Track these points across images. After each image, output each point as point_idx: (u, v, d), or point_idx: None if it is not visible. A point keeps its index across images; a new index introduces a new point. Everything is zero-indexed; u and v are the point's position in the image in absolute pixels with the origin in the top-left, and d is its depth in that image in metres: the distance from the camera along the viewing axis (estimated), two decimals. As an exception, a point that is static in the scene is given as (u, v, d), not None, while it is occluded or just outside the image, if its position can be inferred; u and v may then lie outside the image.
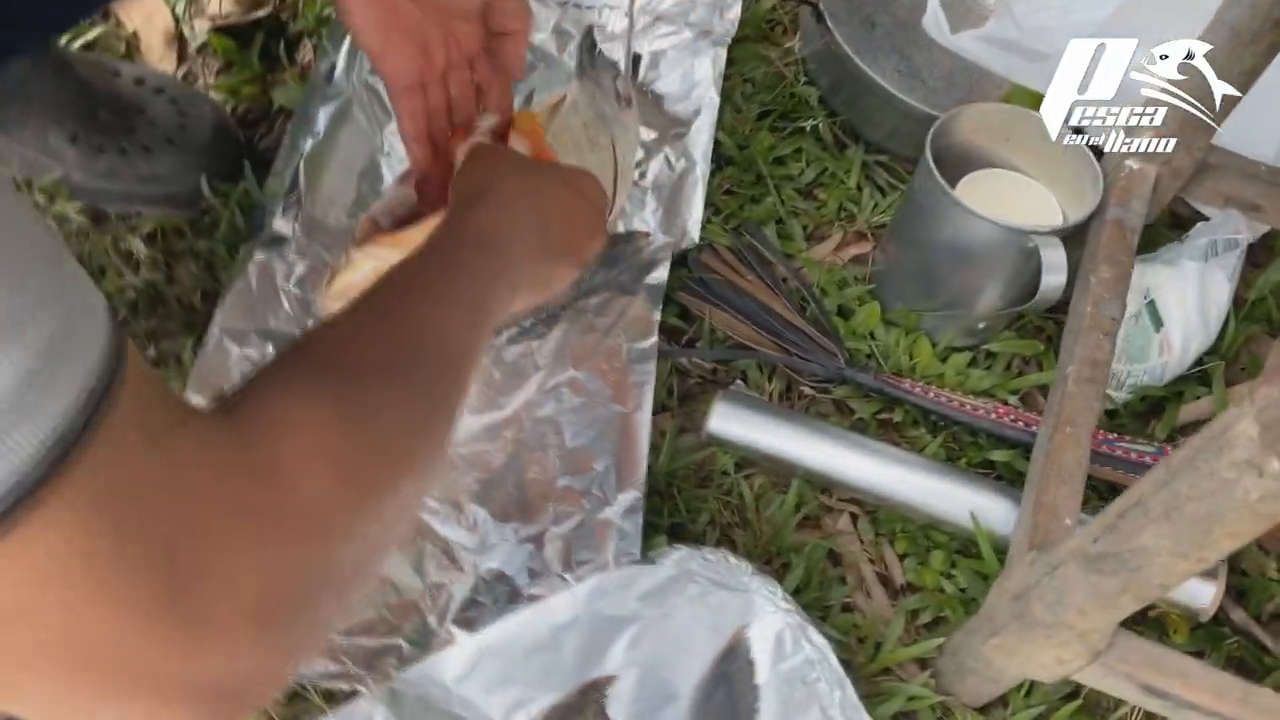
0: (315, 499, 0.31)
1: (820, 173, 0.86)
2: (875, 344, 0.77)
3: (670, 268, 0.77)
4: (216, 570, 0.28)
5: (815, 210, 0.85)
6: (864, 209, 0.84)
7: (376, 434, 0.35)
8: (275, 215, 0.77)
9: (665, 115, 0.85)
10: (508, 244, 0.54)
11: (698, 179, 0.81)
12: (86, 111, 0.77)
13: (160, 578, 0.27)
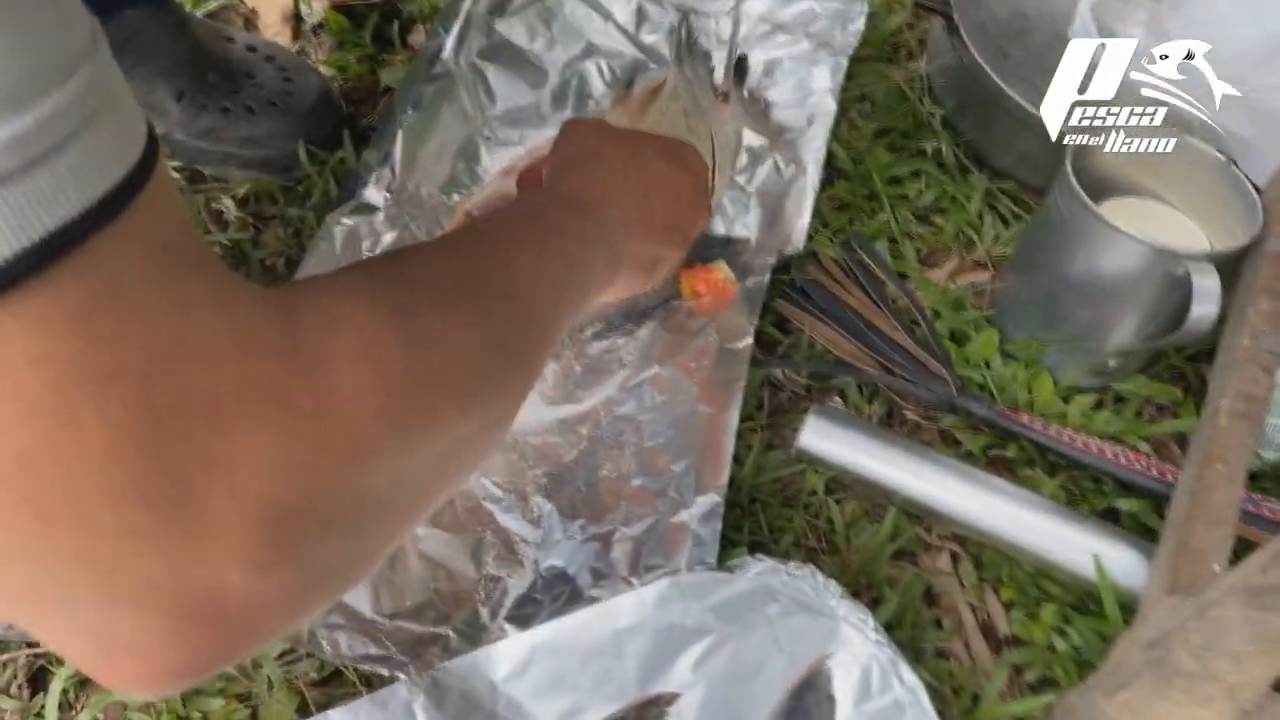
0: (354, 406, 0.26)
1: (939, 196, 0.81)
2: (990, 375, 0.71)
3: (771, 275, 0.72)
4: (220, 455, 0.23)
5: (931, 234, 0.79)
6: (985, 237, 0.79)
7: (436, 359, 0.30)
8: (368, 184, 0.75)
9: (775, 122, 0.81)
10: (606, 210, 0.50)
11: (807, 186, 0.76)
12: (196, 71, 0.76)
13: (146, 441, 0.22)
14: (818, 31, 0.86)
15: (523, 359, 0.37)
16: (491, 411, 0.34)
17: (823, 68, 0.83)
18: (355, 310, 0.28)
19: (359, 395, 0.26)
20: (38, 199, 0.20)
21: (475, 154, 0.79)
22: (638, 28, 0.86)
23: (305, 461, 0.25)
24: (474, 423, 0.33)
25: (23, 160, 0.20)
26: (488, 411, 0.34)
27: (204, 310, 0.24)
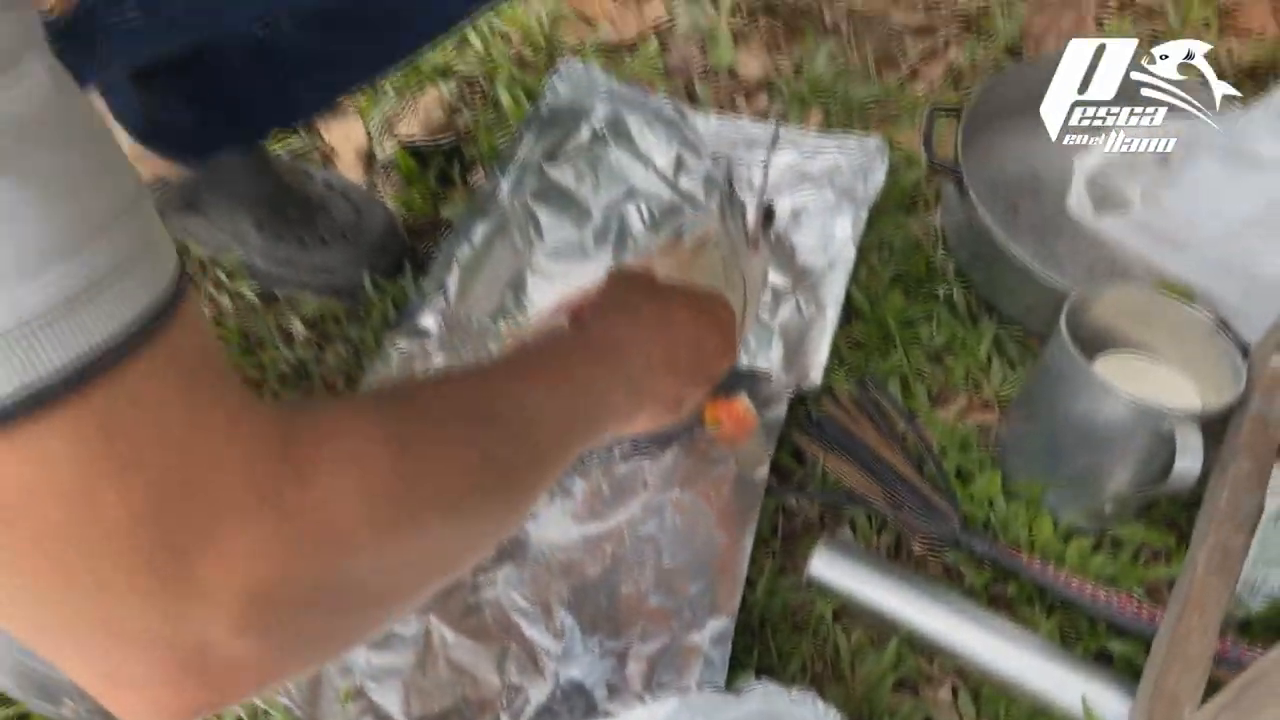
0: (336, 507, 0.31)
1: (950, 339, 0.86)
2: (994, 513, 0.75)
3: (789, 408, 0.78)
4: (218, 540, 0.28)
5: (942, 375, 0.85)
6: (992, 380, 0.84)
7: (423, 471, 0.35)
8: (423, 311, 0.82)
9: (799, 265, 0.88)
10: (628, 356, 0.55)
11: (826, 326, 0.82)
12: (277, 205, 0.85)
13: (157, 524, 0.27)
14: (841, 183, 0.94)
15: (516, 482, 0.41)
16: (479, 525, 0.39)
17: (845, 217, 0.90)
18: (352, 426, 0.33)
19: (342, 498, 0.31)
20: (79, 328, 0.26)
21: (523, 285, 0.87)
22: (676, 174, 0.95)
23: (287, 550, 0.30)
24: (458, 532, 0.37)
25: (67, 298, 0.25)
26: (474, 525, 0.38)
27: (217, 421, 0.29)
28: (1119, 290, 0.73)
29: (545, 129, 0.95)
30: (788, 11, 1.15)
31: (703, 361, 0.63)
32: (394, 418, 0.35)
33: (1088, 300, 0.72)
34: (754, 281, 0.79)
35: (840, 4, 1.18)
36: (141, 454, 0.27)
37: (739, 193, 0.91)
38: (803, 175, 0.95)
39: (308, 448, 0.31)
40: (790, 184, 0.94)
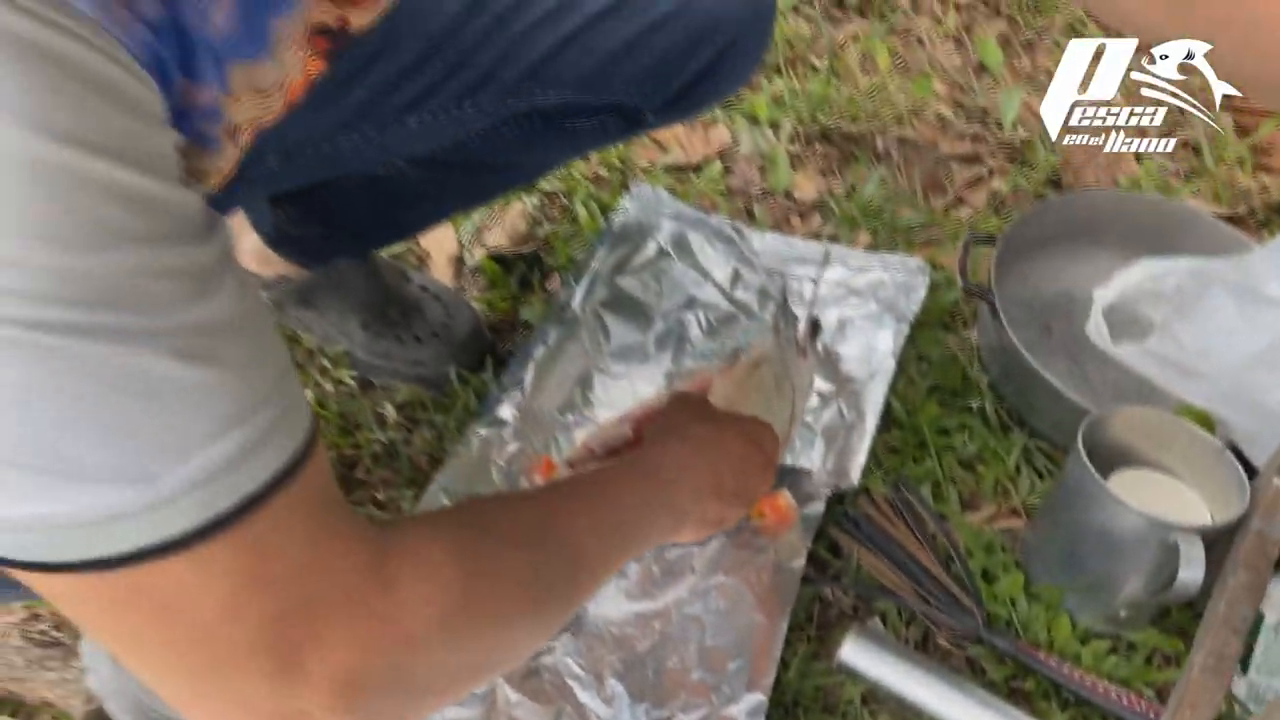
0: (415, 617, 0.40)
1: (982, 448, 0.93)
2: (1016, 613, 0.81)
3: (827, 505, 0.85)
4: (322, 637, 0.37)
5: (973, 481, 0.91)
6: (1020, 488, 0.90)
7: (485, 586, 0.44)
8: (501, 403, 0.92)
9: (843, 373, 0.96)
10: (677, 480, 0.63)
11: (865, 432, 0.90)
12: (379, 307, 0.97)
13: (277, 624, 0.36)
14: (885, 298, 1.02)
15: (564, 594, 0.50)
16: (530, 627, 0.48)
17: (887, 331, 0.99)
18: (429, 547, 0.42)
19: (418, 606, 0.40)
20: (248, 476, 0.35)
21: (590, 383, 0.96)
22: (733, 287, 1.04)
23: (374, 647, 0.39)
24: (512, 635, 0.46)
25: (242, 453, 0.35)
26: (526, 628, 0.47)
27: (330, 543, 0.38)
28: (1134, 411, 0.80)
29: (617, 243, 1.06)
30: (842, 139, 1.26)
31: (745, 485, 0.69)
32: (463, 540, 0.44)
33: (1105, 419, 0.79)
34: (801, 388, 0.87)
35: (891, 133, 1.28)
36: (277, 569, 0.37)
37: (791, 306, 1.00)
38: (849, 290, 1.04)
39: (393, 564, 0.40)
40: (837, 298, 1.03)
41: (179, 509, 0.33)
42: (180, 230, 0.33)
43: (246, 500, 0.35)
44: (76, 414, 0.31)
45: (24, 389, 0.30)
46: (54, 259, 0.29)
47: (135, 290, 0.31)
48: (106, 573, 0.33)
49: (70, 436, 0.31)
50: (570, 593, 0.51)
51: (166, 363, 0.32)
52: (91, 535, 0.33)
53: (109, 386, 0.31)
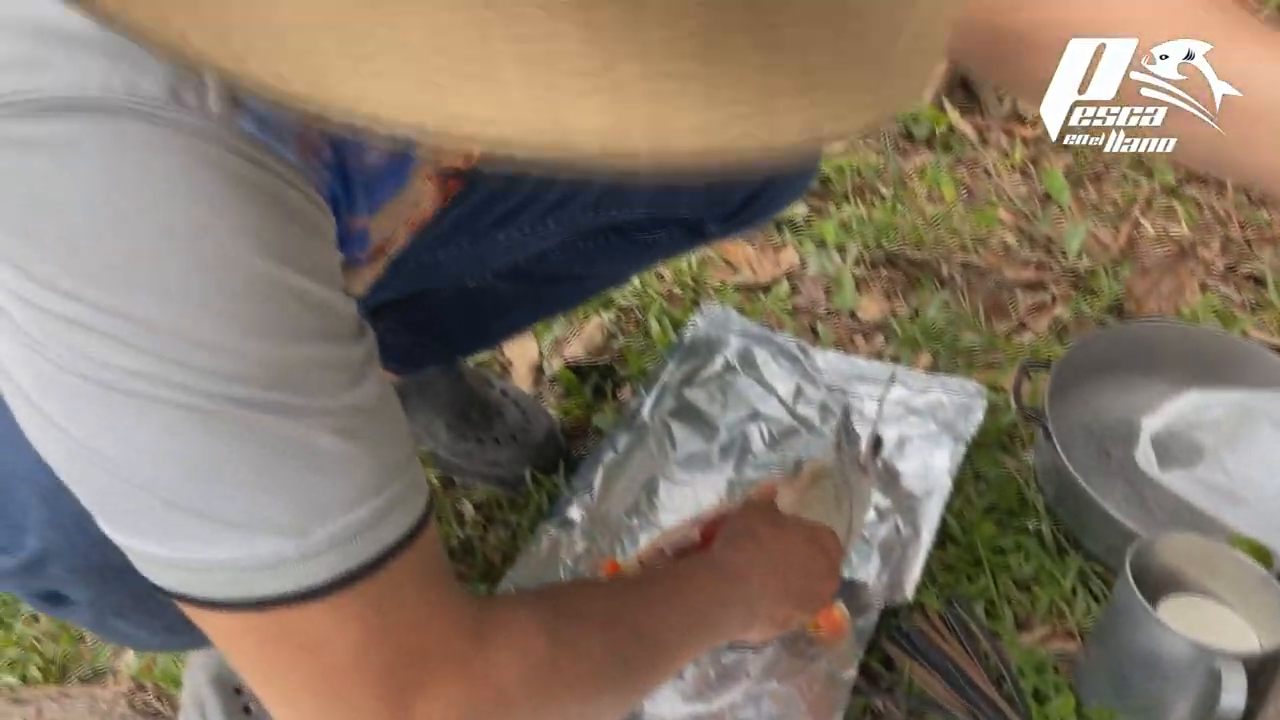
0: (507, 679, 0.46)
1: (1038, 569, 0.95)
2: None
3: (881, 617, 0.88)
4: (428, 689, 0.44)
5: (1028, 601, 0.93)
6: (1075, 611, 0.91)
7: (566, 663, 0.50)
8: (571, 504, 0.98)
9: (901, 489, 1.00)
10: (747, 580, 0.68)
11: (921, 547, 0.93)
12: (464, 410, 1.05)
13: (394, 670, 0.43)
14: (944, 418, 1.06)
15: (639, 678, 0.56)
16: (604, 702, 0.53)
17: (944, 450, 1.02)
18: (524, 623, 0.48)
19: (511, 673, 0.46)
20: (380, 536, 0.41)
21: (656, 489, 1.02)
22: (795, 401, 1.09)
23: (470, 703, 0.45)
24: (590, 707, 0.51)
25: (376, 517, 0.41)
26: (603, 703, 0.53)
27: (439, 603, 0.44)
28: (1182, 538, 0.82)
29: (686, 357, 1.13)
30: (907, 264, 1.32)
31: (811, 588, 0.74)
32: (549, 617, 0.50)
33: (1154, 545, 0.81)
34: (860, 502, 0.91)
35: (956, 259, 1.33)
36: (396, 622, 0.43)
37: (853, 423, 1.04)
38: (909, 409, 1.08)
39: (489, 630, 0.47)
40: (897, 416, 1.07)
41: (323, 562, 0.40)
42: (344, 330, 0.41)
43: (377, 558, 0.42)
44: (256, 474, 0.38)
45: (216, 452, 0.38)
46: (253, 347, 0.37)
47: (308, 377, 0.39)
48: (264, 612, 0.40)
49: (248, 493, 0.39)
50: (645, 675, 0.56)
51: (326, 438, 0.40)
52: (255, 577, 0.40)
53: (281, 453, 0.39)
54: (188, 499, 0.38)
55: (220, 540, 0.39)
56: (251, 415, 0.37)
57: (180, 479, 0.38)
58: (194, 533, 0.39)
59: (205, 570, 0.40)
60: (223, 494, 0.38)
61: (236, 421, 0.37)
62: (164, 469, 0.38)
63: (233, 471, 0.38)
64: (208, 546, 0.39)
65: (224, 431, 0.37)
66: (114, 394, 0.36)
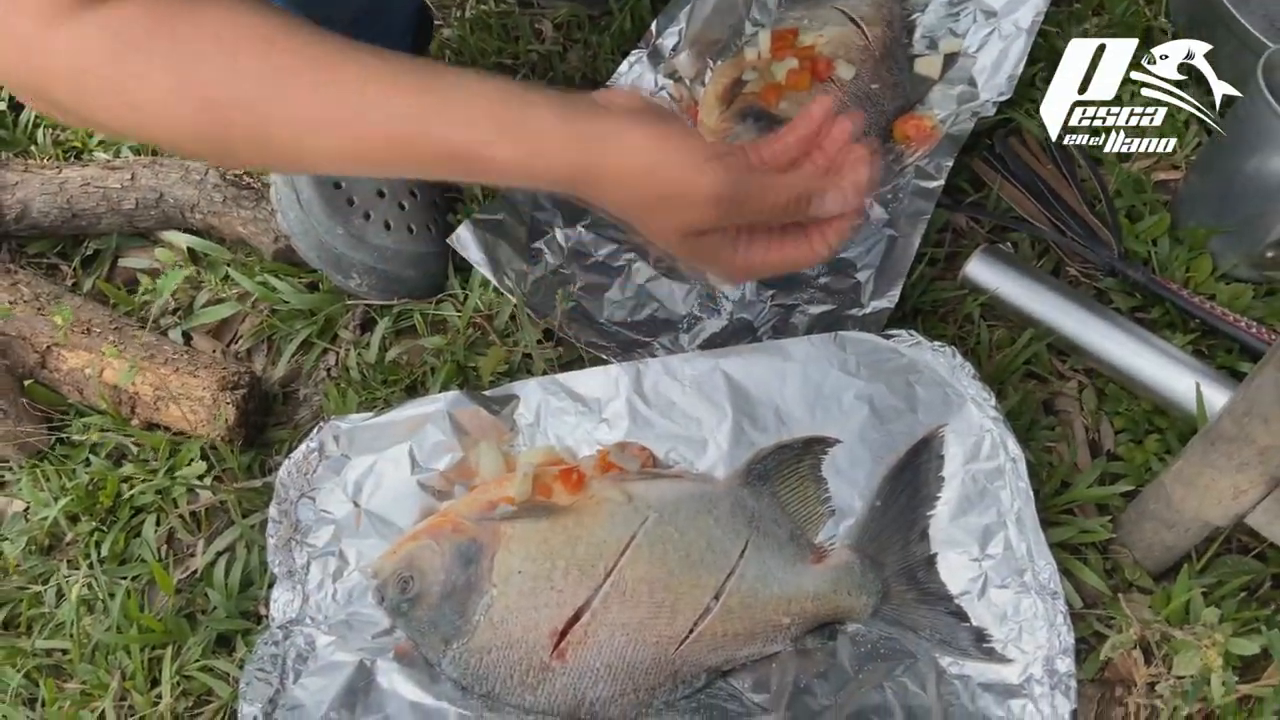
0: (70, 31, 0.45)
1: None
2: (1155, 252, 0.80)
3: (975, 126, 0.83)
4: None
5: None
6: (1186, 142, 0.86)
7: (151, 69, 0.46)
8: (658, 36, 0.92)
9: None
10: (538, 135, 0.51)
11: (1024, 48, 0.86)
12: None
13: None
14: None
15: (234, 146, 0.49)
16: (165, 129, 0.49)
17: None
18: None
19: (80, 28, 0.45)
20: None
21: (741, 29, 0.95)
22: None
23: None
24: (139, 118, 0.48)
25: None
26: (162, 125, 0.48)
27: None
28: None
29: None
30: None
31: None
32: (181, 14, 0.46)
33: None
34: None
35: None
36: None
37: None
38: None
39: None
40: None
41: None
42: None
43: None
44: None
45: None
46: None
47: None
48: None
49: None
50: (236, 145, 0.49)
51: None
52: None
53: None
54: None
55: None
56: None
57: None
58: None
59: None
60: None
61: None
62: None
63: None
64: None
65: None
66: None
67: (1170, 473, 0.60)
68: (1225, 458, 0.55)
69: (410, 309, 0.81)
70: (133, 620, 0.67)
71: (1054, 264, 0.81)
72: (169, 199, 0.84)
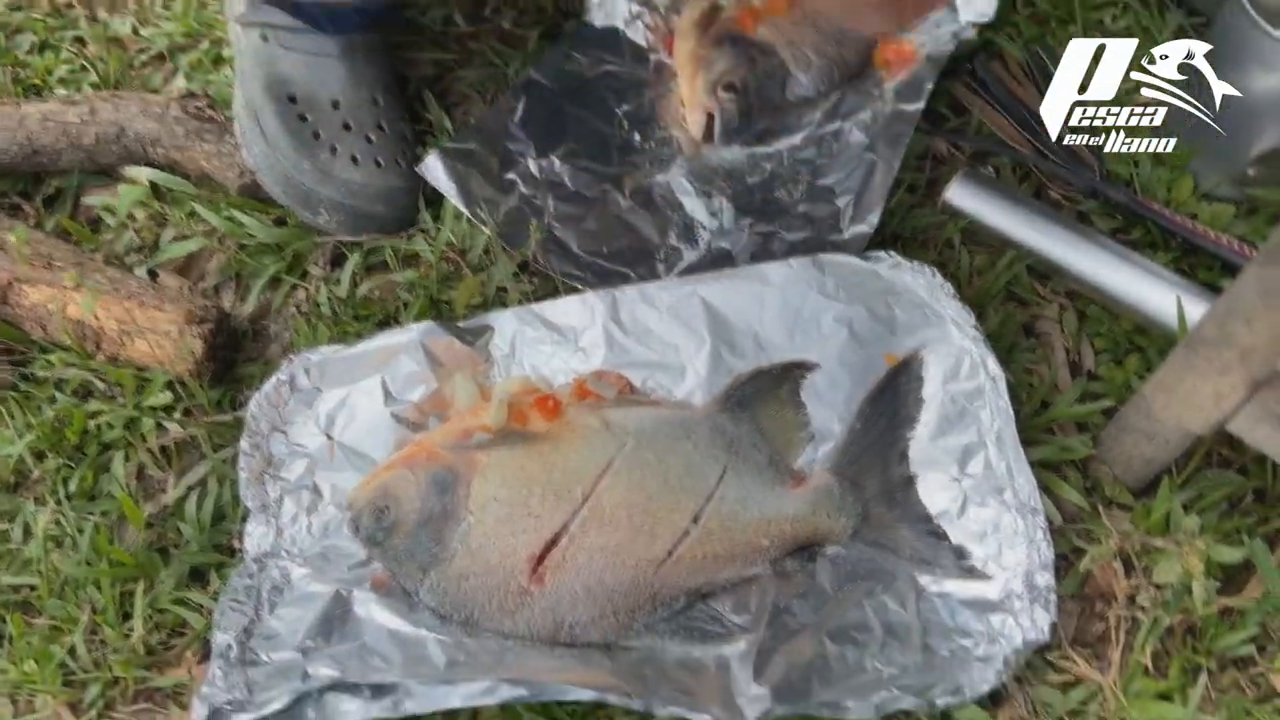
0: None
1: (1132, 25, 0.87)
2: (1137, 174, 0.79)
3: (957, 47, 0.82)
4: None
5: (1116, 59, 0.86)
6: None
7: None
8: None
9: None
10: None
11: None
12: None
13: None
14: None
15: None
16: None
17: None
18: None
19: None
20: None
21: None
22: None
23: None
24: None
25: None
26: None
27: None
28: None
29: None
30: None
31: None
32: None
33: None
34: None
35: None
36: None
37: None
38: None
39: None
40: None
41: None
42: None
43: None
44: None
45: None
46: None
47: None
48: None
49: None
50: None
51: None
52: None
53: None
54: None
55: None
56: None
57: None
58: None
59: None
60: None
61: None
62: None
63: None
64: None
65: None
66: None
67: (1151, 383, 0.59)
68: (1207, 361, 0.55)
69: (381, 244, 0.79)
70: (103, 554, 0.65)
71: (1035, 188, 0.80)
72: (129, 133, 0.81)
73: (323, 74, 0.81)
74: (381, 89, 0.83)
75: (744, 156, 0.82)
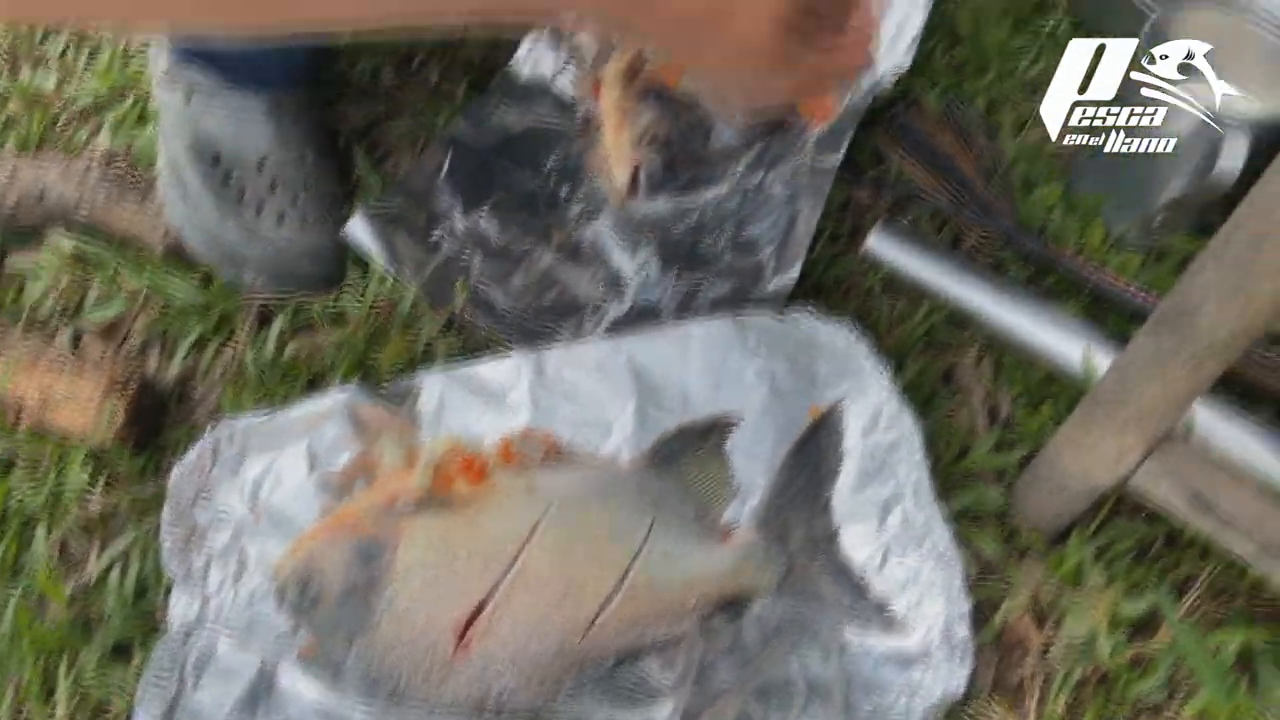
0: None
1: (1047, 70, 0.90)
2: (1050, 221, 0.81)
3: (874, 114, 0.84)
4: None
5: (1031, 107, 0.89)
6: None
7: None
8: None
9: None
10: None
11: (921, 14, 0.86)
12: None
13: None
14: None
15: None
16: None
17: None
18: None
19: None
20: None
21: None
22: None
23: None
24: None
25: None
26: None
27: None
28: (1203, 15, 0.76)
29: None
30: None
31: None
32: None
33: (1171, 21, 0.75)
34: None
35: None
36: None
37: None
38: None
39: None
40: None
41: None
42: None
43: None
44: None
45: None
46: None
47: None
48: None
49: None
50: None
51: None
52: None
53: None
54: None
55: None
56: None
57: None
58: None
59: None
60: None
61: None
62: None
63: None
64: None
65: None
66: None
67: (1059, 436, 0.61)
68: (1108, 418, 0.57)
69: (309, 302, 0.79)
70: (23, 632, 0.65)
71: (954, 236, 0.82)
72: (50, 196, 0.81)
73: (249, 133, 0.81)
74: (311, 146, 0.83)
75: (670, 207, 0.83)
